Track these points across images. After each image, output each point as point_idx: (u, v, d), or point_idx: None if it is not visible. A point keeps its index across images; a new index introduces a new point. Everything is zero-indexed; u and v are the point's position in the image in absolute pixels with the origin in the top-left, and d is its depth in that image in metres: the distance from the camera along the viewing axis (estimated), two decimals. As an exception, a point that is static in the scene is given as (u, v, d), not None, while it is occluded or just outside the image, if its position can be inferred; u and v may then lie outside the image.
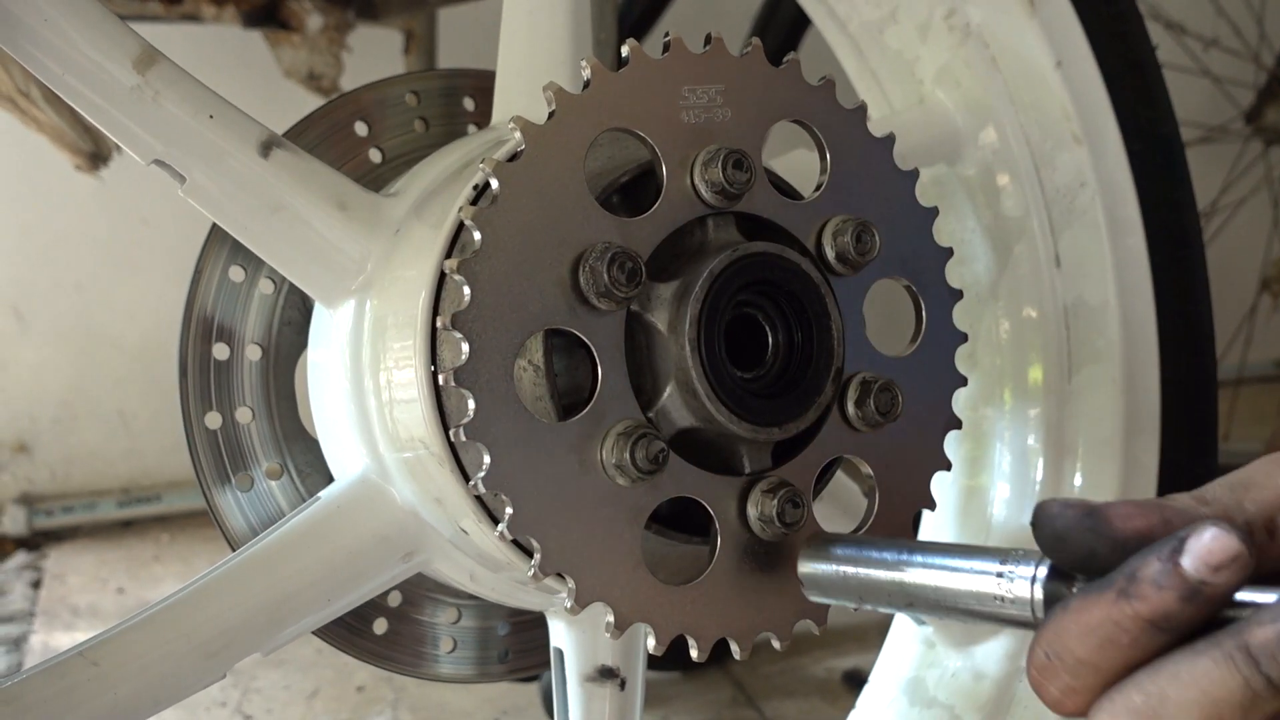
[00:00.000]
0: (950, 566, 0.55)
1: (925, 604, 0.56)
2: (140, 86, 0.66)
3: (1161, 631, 0.46)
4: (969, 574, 0.54)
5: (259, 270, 0.82)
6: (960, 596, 0.54)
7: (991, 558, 0.53)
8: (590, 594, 0.62)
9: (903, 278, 0.72)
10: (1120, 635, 0.47)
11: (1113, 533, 0.49)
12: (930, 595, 0.56)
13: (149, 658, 0.65)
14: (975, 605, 0.53)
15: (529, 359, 0.63)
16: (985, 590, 0.53)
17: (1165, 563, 0.46)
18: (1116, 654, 0.47)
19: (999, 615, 0.53)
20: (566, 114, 0.62)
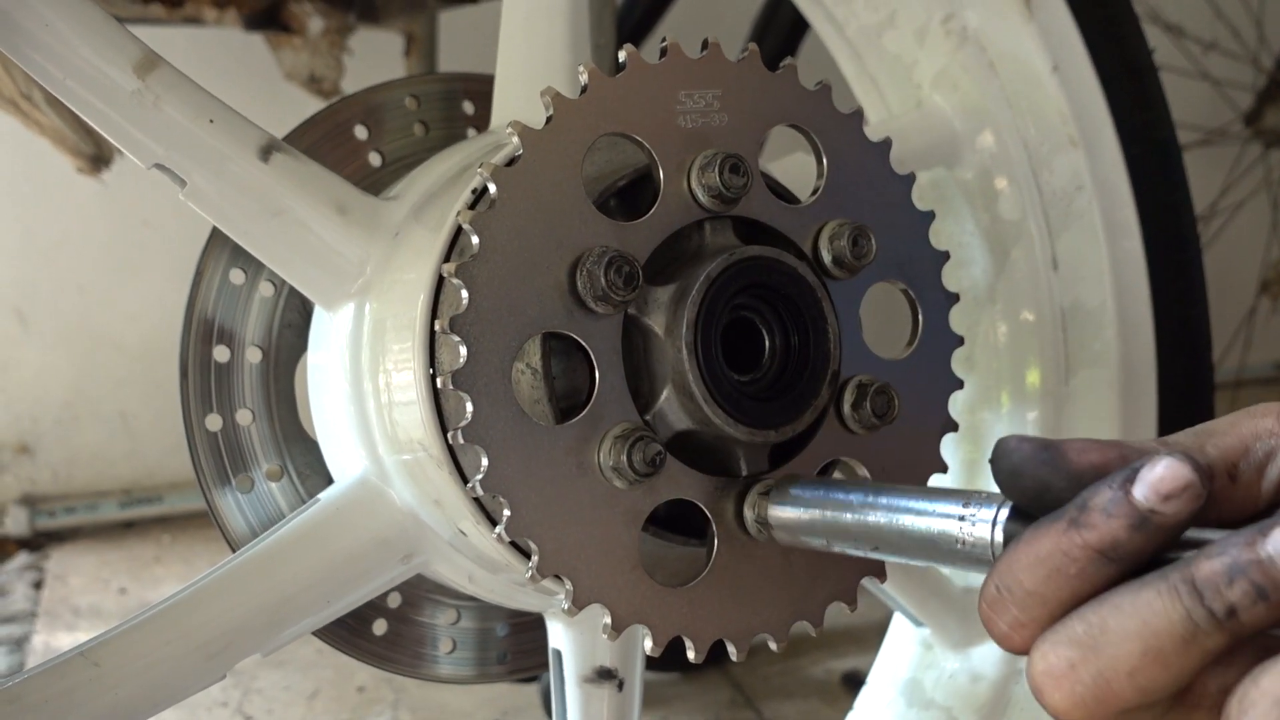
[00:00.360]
0: (914, 509, 0.55)
1: (890, 546, 0.57)
2: (141, 91, 0.66)
3: (1110, 562, 0.46)
4: (932, 516, 0.54)
5: (259, 273, 0.82)
6: (923, 538, 0.55)
7: (955, 500, 0.54)
8: (588, 595, 0.62)
9: (899, 281, 0.72)
10: (1068, 565, 0.46)
11: (1068, 466, 0.49)
12: (895, 538, 0.56)
13: (150, 658, 0.65)
14: (938, 547, 0.54)
15: (527, 362, 0.63)
16: (948, 531, 0.53)
17: (1116, 490, 0.46)
18: (1064, 584, 0.47)
19: (961, 556, 0.53)
20: (564, 119, 0.62)
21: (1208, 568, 0.43)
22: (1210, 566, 0.43)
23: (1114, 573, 0.46)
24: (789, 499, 0.63)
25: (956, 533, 0.53)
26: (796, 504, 0.63)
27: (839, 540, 0.60)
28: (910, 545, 0.55)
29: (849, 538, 0.59)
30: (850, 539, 0.59)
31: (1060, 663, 0.46)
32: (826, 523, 0.60)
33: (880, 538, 0.57)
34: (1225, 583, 0.43)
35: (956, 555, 0.53)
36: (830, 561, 0.68)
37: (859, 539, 0.59)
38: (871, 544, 0.58)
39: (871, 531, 0.58)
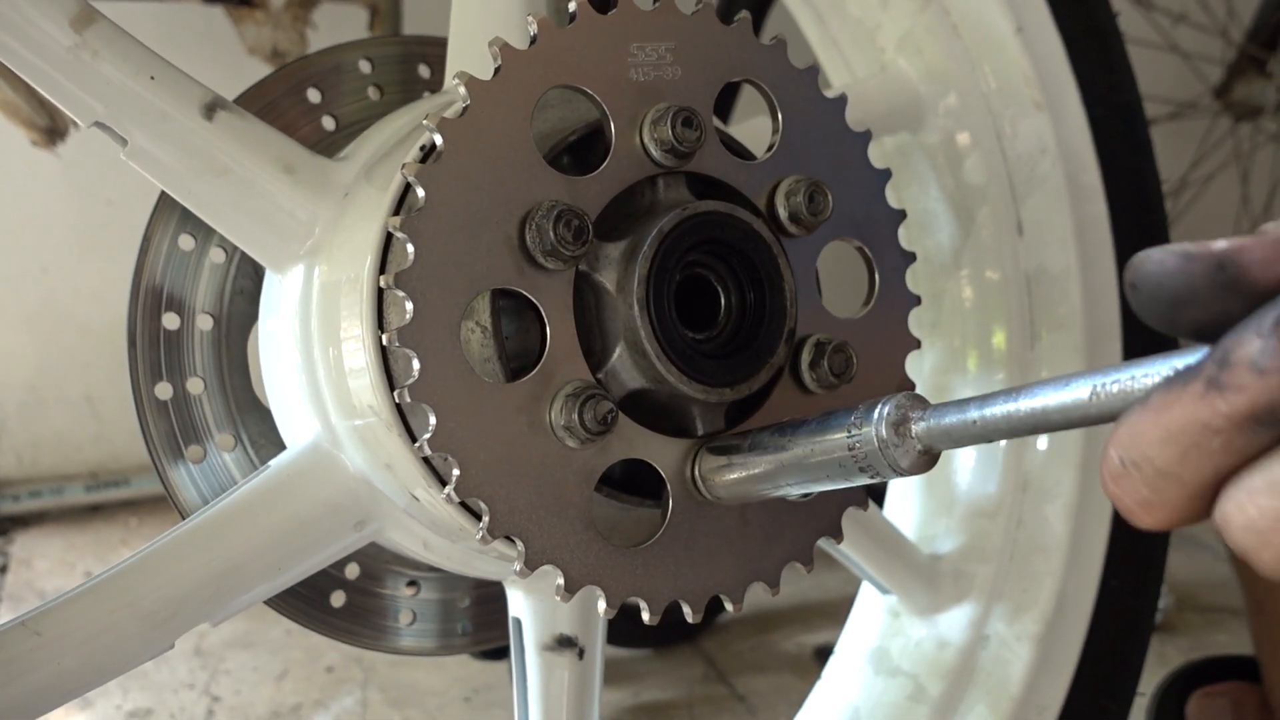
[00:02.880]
0: (812, 437, 0.57)
1: (802, 477, 0.58)
2: (78, 46, 0.64)
3: (1265, 430, 0.36)
4: (828, 437, 0.56)
5: (209, 238, 0.80)
6: (824, 461, 0.56)
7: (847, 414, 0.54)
8: (540, 557, 0.61)
9: (855, 239, 0.71)
10: (1209, 439, 0.37)
11: (1251, 285, 0.38)
12: (801, 470, 0.58)
13: (94, 628, 0.64)
14: (840, 465, 0.55)
15: (476, 320, 0.62)
16: (840, 444, 0.54)
17: (1268, 338, 0.35)
18: (1206, 463, 0.38)
19: (861, 466, 0.54)
20: (512, 70, 0.61)
21: None
22: None
23: (1272, 439, 0.37)
24: (718, 462, 0.63)
25: (847, 443, 0.54)
26: (722, 459, 0.63)
27: (767, 485, 0.60)
28: (817, 471, 0.56)
29: (769, 480, 0.60)
30: (771, 481, 0.60)
31: (1268, 517, 0.37)
32: (751, 475, 0.61)
33: (793, 473, 0.58)
34: None
35: (856, 467, 0.54)
36: (786, 522, 0.67)
37: (777, 479, 0.59)
38: (789, 479, 0.59)
39: (784, 468, 0.58)
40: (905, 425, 0.52)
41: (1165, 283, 0.39)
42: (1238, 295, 0.38)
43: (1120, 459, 0.40)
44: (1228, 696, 1.19)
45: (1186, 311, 0.39)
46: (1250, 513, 0.38)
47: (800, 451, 0.57)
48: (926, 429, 0.51)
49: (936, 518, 1.03)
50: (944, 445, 0.51)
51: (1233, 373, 0.36)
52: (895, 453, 0.52)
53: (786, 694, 1.48)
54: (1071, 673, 0.96)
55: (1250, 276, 0.38)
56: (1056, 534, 0.97)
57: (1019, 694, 0.94)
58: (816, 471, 0.57)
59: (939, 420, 0.50)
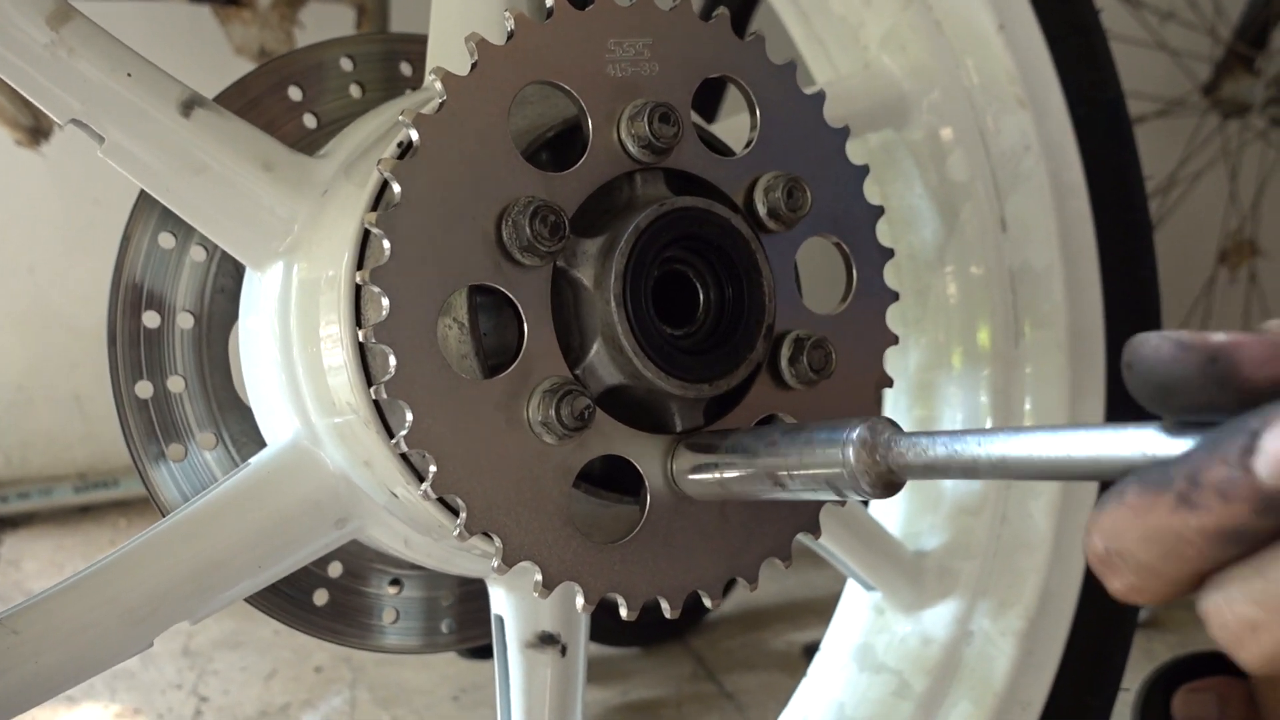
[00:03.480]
0: (788, 445, 0.57)
1: (780, 484, 0.58)
2: (55, 43, 0.64)
3: (1233, 545, 0.38)
4: (803, 448, 0.56)
5: (190, 237, 0.80)
6: (816, 474, 0.56)
7: (819, 431, 0.55)
8: (518, 553, 0.61)
9: (833, 235, 0.71)
10: (1184, 548, 0.39)
11: (1240, 383, 0.38)
12: (770, 482, 0.58)
13: (72, 625, 0.64)
14: (806, 488, 0.55)
15: (453, 316, 0.62)
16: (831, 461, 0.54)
17: (1234, 469, 0.36)
18: (1183, 566, 0.40)
19: (836, 484, 0.54)
20: (489, 66, 0.61)
21: None
22: None
23: (1245, 550, 0.39)
24: (697, 461, 0.63)
25: (819, 460, 0.54)
26: (698, 457, 0.63)
27: (739, 488, 0.61)
28: (788, 483, 0.56)
29: (741, 485, 0.60)
30: (742, 486, 0.60)
31: (1242, 623, 0.39)
32: (724, 476, 0.61)
33: (763, 481, 0.58)
34: None
35: (824, 482, 0.54)
36: (765, 518, 0.67)
37: (747, 485, 0.60)
38: (759, 486, 0.59)
39: (756, 476, 0.59)
40: (874, 457, 0.52)
41: (1158, 369, 0.40)
42: (1227, 390, 0.39)
43: (1105, 548, 0.42)
44: (1214, 692, 1.19)
45: (1177, 397, 0.40)
46: (1227, 617, 0.39)
47: (772, 467, 0.57)
48: (894, 462, 0.51)
49: (921, 515, 1.03)
50: (911, 477, 0.51)
51: (1202, 494, 0.38)
52: (862, 480, 0.52)
53: (775, 691, 1.48)
54: (1055, 668, 0.96)
55: (1243, 374, 0.39)
56: (1040, 530, 0.97)
57: (1003, 690, 0.94)
58: (787, 487, 0.57)
59: (906, 456, 0.50)
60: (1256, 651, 0.39)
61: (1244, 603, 0.39)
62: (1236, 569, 0.39)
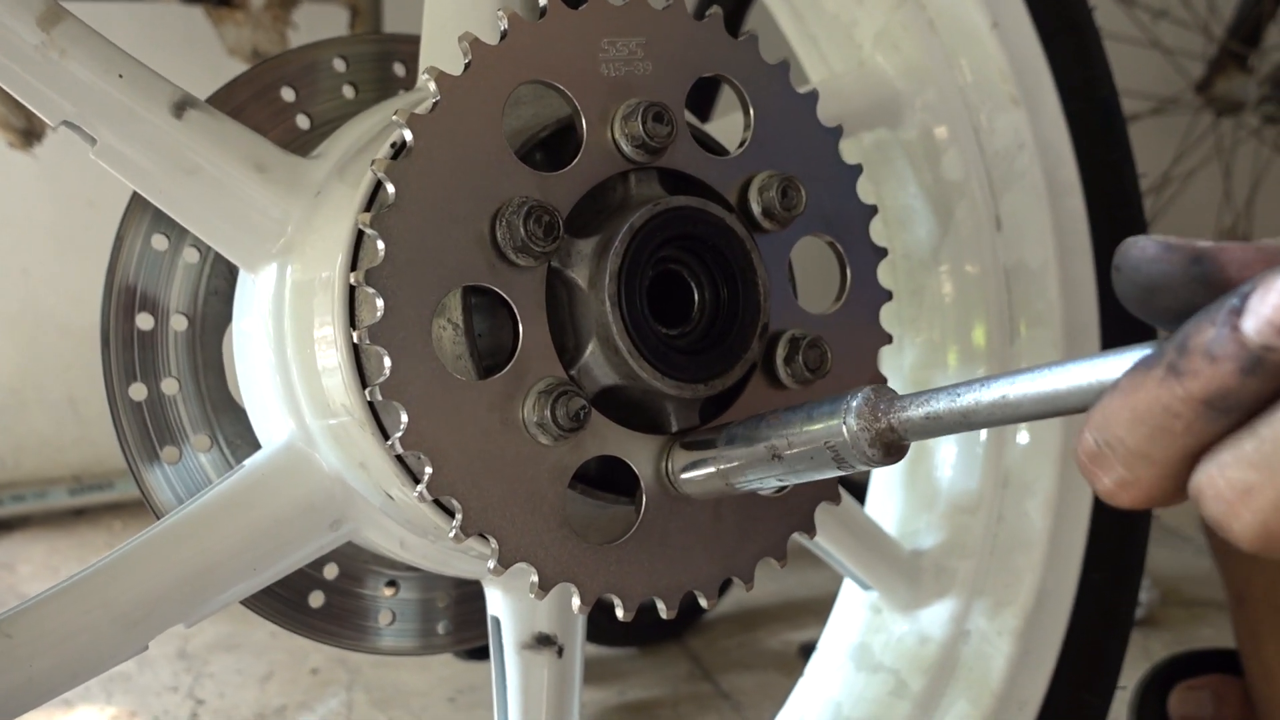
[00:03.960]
0: (787, 425, 0.57)
1: (782, 468, 0.58)
2: (45, 44, 0.64)
3: (1220, 414, 0.38)
4: (803, 425, 0.56)
5: (183, 239, 0.80)
6: (809, 451, 0.55)
7: (817, 406, 0.55)
8: (514, 554, 0.61)
9: (827, 235, 0.71)
10: (1172, 422, 0.39)
11: (1225, 283, 0.39)
12: (772, 466, 0.58)
13: (66, 630, 0.63)
14: (812, 465, 0.55)
15: (448, 317, 0.62)
16: (826, 432, 0.54)
17: (1221, 327, 0.37)
18: (1172, 443, 0.40)
19: (841, 458, 0.54)
20: (483, 65, 0.61)
21: None
22: None
23: (1232, 423, 0.38)
24: (694, 461, 0.63)
25: (820, 435, 0.54)
26: (694, 454, 0.63)
27: (740, 479, 0.61)
28: (791, 463, 0.56)
29: (742, 475, 0.60)
30: (744, 475, 0.60)
31: (1235, 489, 0.39)
32: (724, 468, 0.61)
33: (765, 466, 0.58)
34: None
35: (829, 458, 0.54)
36: (759, 518, 0.67)
37: (749, 473, 0.60)
38: (762, 473, 0.59)
39: (757, 462, 0.59)
40: (875, 417, 0.52)
41: (1143, 268, 0.41)
42: (1210, 290, 0.40)
43: (1095, 440, 0.42)
44: (1210, 690, 1.20)
45: (1161, 298, 0.41)
46: (1219, 485, 0.39)
47: (774, 444, 0.57)
48: (896, 420, 0.51)
49: (918, 514, 1.03)
50: (914, 436, 0.51)
51: (1189, 359, 0.38)
52: (865, 444, 0.52)
53: (772, 691, 1.48)
54: (1052, 667, 0.96)
55: (1225, 275, 0.39)
56: (1037, 529, 0.97)
57: (1000, 689, 0.94)
58: (790, 464, 0.57)
59: (908, 411, 0.50)
60: (1250, 520, 0.39)
61: (1235, 466, 0.38)
62: (1225, 440, 0.39)
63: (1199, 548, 1.85)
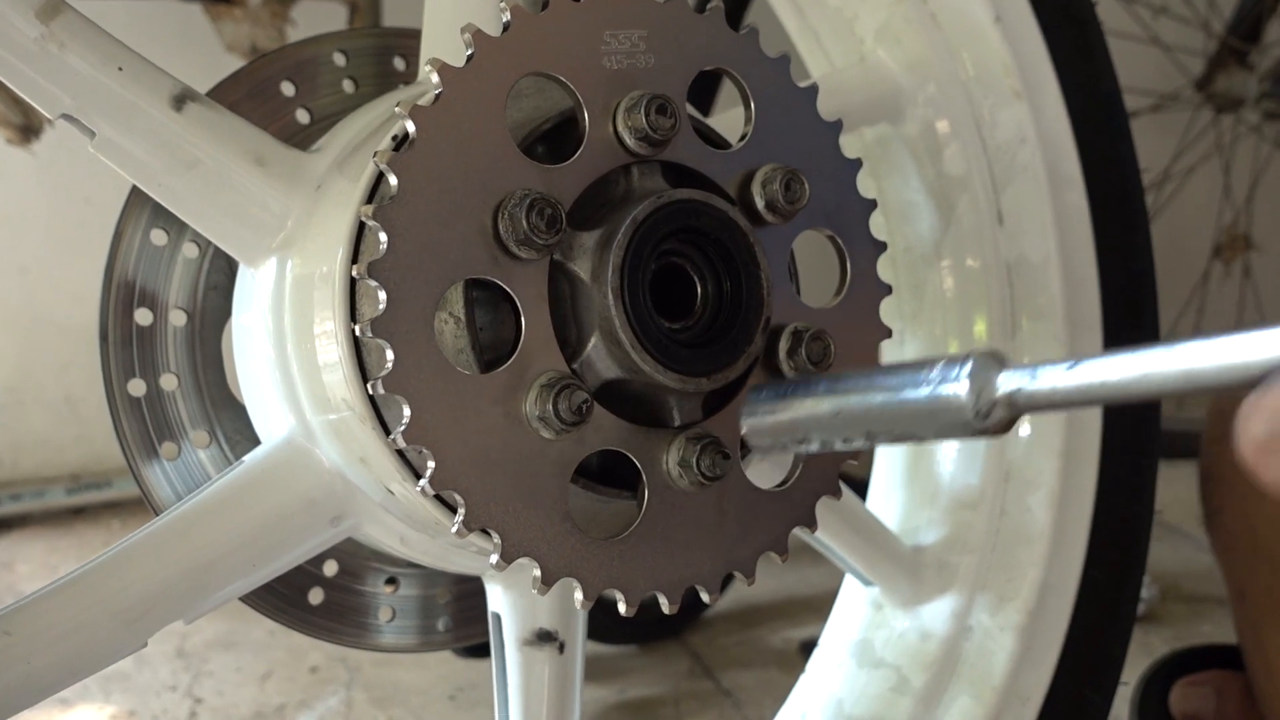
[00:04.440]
0: (889, 383, 0.53)
1: (875, 427, 0.54)
2: (44, 37, 0.63)
3: None
4: (908, 384, 0.52)
5: (183, 234, 0.80)
6: (916, 409, 0.52)
7: (926, 367, 0.51)
8: (517, 549, 0.60)
9: (827, 229, 0.71)
10: None
11: None
12: (876, 416, 0.54)
13: (65, 627, 0.63)
14: (935, 415, 0.51)
15: (450, 311, 0.61)
16: (940, 396, 0.50)
17: None
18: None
19: (948, 421, 0.50)
20: (485, 57, 0.60)
21: None
22: None
23: None
24: (763, 406, 0.61)
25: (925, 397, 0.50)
26: (770, 407, 0.60)
27: (819, 431, 0.57)
28: (903, 420, 0.52)
29: (828, 428, 0.57)
30: (829, 429, 0.56)
31: None
32: (803, 418, 0.58)
33: (862, 419, 0.55)
34: None
35: (930, 425, 0.51)
36: (761, 512, 0.66)
37: (837, 427, 0.56)
38: (860, 429, 0.55)
39: (851, 415, 0.55)
40: (989, 385, 0.48)
41: None
42: None
43: (1268, 430, 0.39)
44: (1211, 685, 1.20)
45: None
46: None
47: (872, 400, 0.54)
48: (1012, 391, 0.48)
49: (919, 509, 1.02)
50: (1030, 410, 0.48)
51: None
52: (974, 414, 0.49)
53: (772, 688, 1.47)
54: (1054, 663, 0.96)
55: None
56: (1039, 524, 0.97)
57: (1002, 684, 0.94)
58: (884, 422, 0.53)
59: (1027, 383, 0.47)
60: None
61: None
62: None
63: (1200, 544, 1.84)
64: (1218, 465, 1.16)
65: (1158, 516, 1.03)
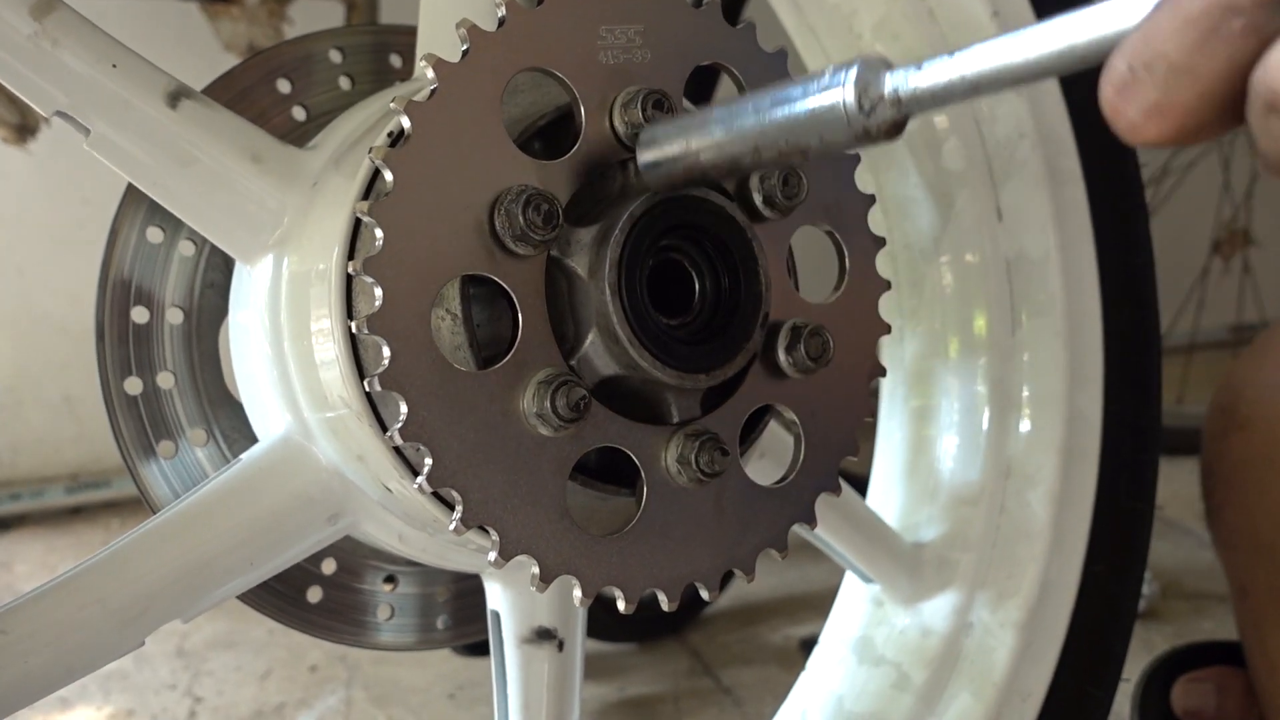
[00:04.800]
0: (779, 97, 0.53)
1: (763, 140, 0.54)
2: (38, 34, 0.63)
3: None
4: (795, 96, 0.52)
5: (179, 231, 0.79)
6: (791, 121, 0.52)
7: (816, 76, 0.51)
8: (515, 547, 0.60)
9: (825, 224, 0.70)
10: (1230, 21, 0.36)
11: None
12: (764, 130, 0.54)
13: (62, 626, 0.63)
14: (807, 124, 0.51)
15: (446, 307, 0.61)
16: (813, 104, 0.50)
17: None
18: (1222, 49, 0.37)
19: (833, 125, 0.50)
20: (481, 52, 0.60)
21: None
22: None
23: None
24: (660, 134, 0.60)
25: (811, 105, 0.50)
26: (667, 135, 0.60)
27: (715, 151, 0.57)
28: (790, 131, 0.52)
29: (724, 146, 0.57)
30: (727, 147, 0.57)
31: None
32: (697, 139, 0.58)
33: (759, 135, 0.54)
34: None
35: (826, 127, 0.50)
36: (761, 509, 0.66)
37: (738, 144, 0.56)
38: (751, 144, 0.55)
39: (751, 131, 0.55)
40: (874, 84, 0.48)
41: None
42: None
43: (1128, 64, 0.39)
44: (1212, 682, 1.19)
45: None
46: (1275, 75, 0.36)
47: (761, 115, 0.54)
48: (897, 87, 0.48)
49: (919, 506, 1.02)
50: (918, 110, 0.48)
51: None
52: (862, 117, 0.49)
53: (772, 686, 1.47)
54: (1055, 659, 0.96)
55: None
56: (1039, 520, 0.97)
57: (1003, 681, 0.94)
58: (771, 134, 0.53)
59: (911, 83, 0.47)
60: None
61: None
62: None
63: (1201, 540, 1.84)
64: (1219, 462, 1.15)
65: (1159, 513, 1.03)
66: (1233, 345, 2.71)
